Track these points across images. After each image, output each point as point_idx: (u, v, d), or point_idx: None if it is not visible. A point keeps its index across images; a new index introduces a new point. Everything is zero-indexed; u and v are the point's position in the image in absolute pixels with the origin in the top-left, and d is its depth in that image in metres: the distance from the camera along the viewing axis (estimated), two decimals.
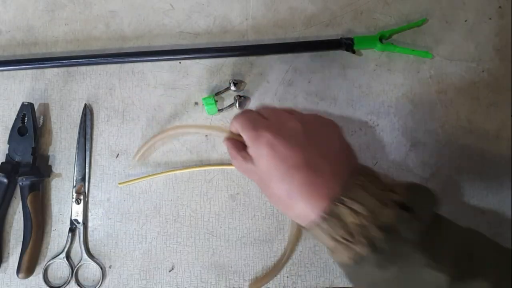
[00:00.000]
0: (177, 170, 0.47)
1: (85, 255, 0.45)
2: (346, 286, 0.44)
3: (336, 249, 0.30)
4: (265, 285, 0.44)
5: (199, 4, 0.51)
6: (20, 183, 0.45)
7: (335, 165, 0.31)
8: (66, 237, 0.46)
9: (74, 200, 0.46)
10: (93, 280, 0.46)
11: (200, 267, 0.45)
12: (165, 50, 0.49)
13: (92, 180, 0.47)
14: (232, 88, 0.47)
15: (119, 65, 0.49)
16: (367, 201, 0.29)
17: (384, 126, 0.47)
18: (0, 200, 0.45)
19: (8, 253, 0.46)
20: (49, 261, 0.45)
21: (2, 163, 0.46)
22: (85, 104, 0.48)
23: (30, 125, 0.46)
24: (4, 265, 0.46)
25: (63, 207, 0.47)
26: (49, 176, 0.47)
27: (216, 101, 0.47)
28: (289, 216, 0.38)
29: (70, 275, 0.45)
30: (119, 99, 0.49)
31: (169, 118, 0.48)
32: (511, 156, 0.45)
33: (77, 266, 0.45)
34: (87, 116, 0.48)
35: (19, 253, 0.45)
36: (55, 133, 0.49)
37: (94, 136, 0.48)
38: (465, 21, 0.49)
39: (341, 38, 0.47)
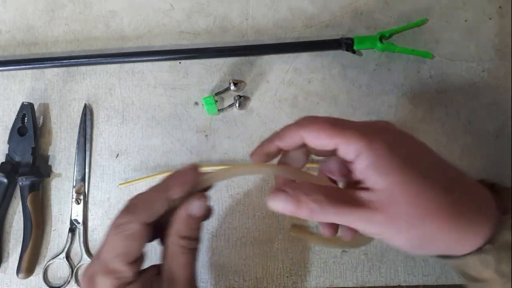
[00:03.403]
0: None
1: (85, 255, 0.45)
2: (346, 286, 0.44)
3: (495, 282, 0.26)
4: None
5: (199, 4, 0.51)
6: (20, 183, 0.45)
7: (460, 183, 0.26)
8: (66, 237, 0.46)
9: (74, 200, 0.46)
10: None
11: (200, 267, 0.45)
12: (165, 50, 0.48)
13: (92, 180, 0.47)
14: (232, 88, 0.47)
15: (119, 65, 0.49)
16: None
17: None
18: (0, 200, 0.45)
19: (8, 253, 0.46)
20: (49, 261, 0.45)
21: (2, 163, 0.46)
22: (85, 104, 0.48)
23: (30, 125, 0.46)
24: (4, 265, 0.46)
25: (63, 207, 0.47)
26: (49, 176, 0.47)
27: (216, 101, 0.47)
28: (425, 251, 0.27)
29: (70, 275, 0.45)
30: (119, 99, 0.49)
31: (169, 118, 0.48)
32: (511, 156, 0.45)
33: (77, 266, 0.45)
34: (87, 116, 0.48)
35: (19, 253, 0.45)
36: (55, 133, 0.49)
37: (94, 136, 0.48)
38: (465, 21, 0.49)
39: (341, 38, 0.47)
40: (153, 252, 0.44)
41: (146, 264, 0.29)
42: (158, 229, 0.29)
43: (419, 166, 0.25)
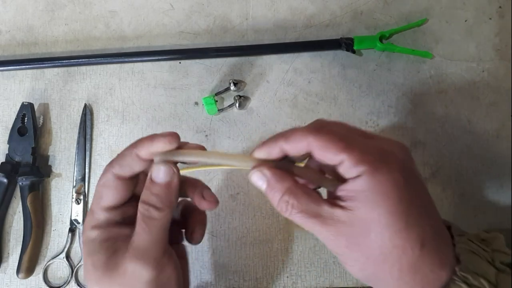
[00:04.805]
0: None
1: None
2: (346, 286, 0.44)
3: None
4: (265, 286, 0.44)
5: (199, 4, 0.51)
6: (20, 183, 0.45)
7: (438, 222, 0.26)
8: (66, 237, 0.46)
9: (74, 200, 0.46)
10: None
11: (200, 267, 0.45)
12: (165, 50, 0.48)
13: (92, 180, 0.47)
14: (232, 88, 0.47)
15: (119, 65, 0.49)
16: (487, 270, 0.25)
17: (384, 126, 0.47)
18: (0, 200, 0.45)
19: (8, 253, 0.46)
20: (49, 261, 0.45)
21: (2, 163, 0.46)
22: (85, 104, 0.48)
23: (30, 125, 0.46)
24: (4, 265, 0.46)
25: (63, 207, 0.47)
26: (49, 176, 0.47)
27: (216, 101, 0.47)
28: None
29: (70, 275, 0.45)
30: (119, 99, 0.49)
31: (169, 118, 0.48)
32: (511, 156, 0.45)
33: (77, 266, 0.45)
34: (87, 116, 0.48)
35: (19, 253, 0.45)
36: (55, 133, 0.49)
37: (94, 136, 0.48)
38: (465, 21, 0.49)
39: (341, 38, 0.47)
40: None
41: None
42: None
43: (405, 217, 0.24)
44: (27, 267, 0.44)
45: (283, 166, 0.27)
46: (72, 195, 0.46)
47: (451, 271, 0.25)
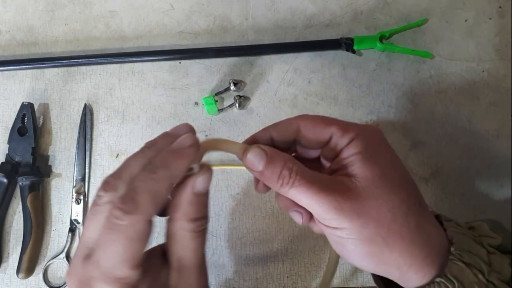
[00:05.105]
0: None
1: None
2: (346, 286, 0.44)
3: None
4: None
5: (199, 4, 0.51)
6: (20, 183, 0.45)
7: (422, 202, 0.26)
8: (66, 237, 0.46)
9: (74, 200, 0.46)
10: None
11: None
12: (165, 50, 0.48)
13: (92, 180, 0.47)
14: (232, 88, 0.47)
15: (119, 65, 0.49)
16: (479, 251, 0.25)
17: (384, 126, 0.47)
18: (0, 200, 0.45)
19: (8, 253, 0.46)
20: (49, 261, 0.45)
21: (2, 163, 0.46)
22: (85, 104, 0.48)
23: (30, 125, 0.46)
24: (4, 265, 0.46)
25: (63, 207, 0.47)
26: (49, 176, 0.47)
27: (216, 101, 0.47)
28: (373, 268, 0.26)
29: None
30: (119, 99, 0.49)
31: (169, 118, 0.48)
32: (511, 156, 0.45)
33: None
34: (87, 116, 0.48)
35: (19, 253, 0.45)
36: (55, 133, 0.49)
37: (94, 136, 0.48)
38: (465, 21, 0.49)
39: (341, 38, 0.47)
40: None
41: None
42: None
43: (400, 173, 0.25)
44: (27, 267, 0.44)
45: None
46: (72, 195, 0.46)
47: (447, 240, 0.26)
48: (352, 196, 0.24)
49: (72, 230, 0.46)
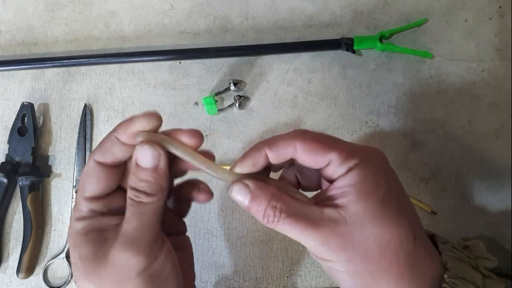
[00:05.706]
0: None
1: None
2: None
3: None
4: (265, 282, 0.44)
5: (199, 4, 0.51)
6: (20, 183, 0.45)
7: (419, 223, 0.26)
8: (66, 237, 0.46)
9: (74, 200, 0.46)
10: None
11: (200, 267, 0.45)
12: (165, 50, 0.48)
13: None
14: (232, 88, 0.47)
15: (119, 65, 0.49)
16: (474, 276, 0.25)
17: (384, 126, 0.47)
18: (0, 200, 0.45)
19: (8, 253, 0.46)
20: (49, 261, 0.45)
21: (2, 163, 0.46)
22: (85, 104, 0.48)
23: (30, 125, 0.46)
24: (4, 265, 0.46)
25: (63, 207, 0.47)
26: (49, 176, 0.47)
27: (216, 101, 0.47)
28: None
29: (70, 275, 0.45)
30: (119, 99, 0.49)
31: (169, 118, 0.48)
32: (511, 156, 0.45)
33: None
34: (87, 116, 0.48)
35: (19, 253, 0.45)
36: (55, 133, 0.49)
37: (94, 136, 0.48)
38: (465, 21, 0.49)
39: (341, 38, 0.47)
40: None
41: None
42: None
43: (396, 207, 0.25)
44: (27, 267, 0.44)
45: (260, 178, 0.27)
46: (72, 195, 0.46)
47: (441, 267, 0.25)
48: (340, 231, 0.24)
49: None
